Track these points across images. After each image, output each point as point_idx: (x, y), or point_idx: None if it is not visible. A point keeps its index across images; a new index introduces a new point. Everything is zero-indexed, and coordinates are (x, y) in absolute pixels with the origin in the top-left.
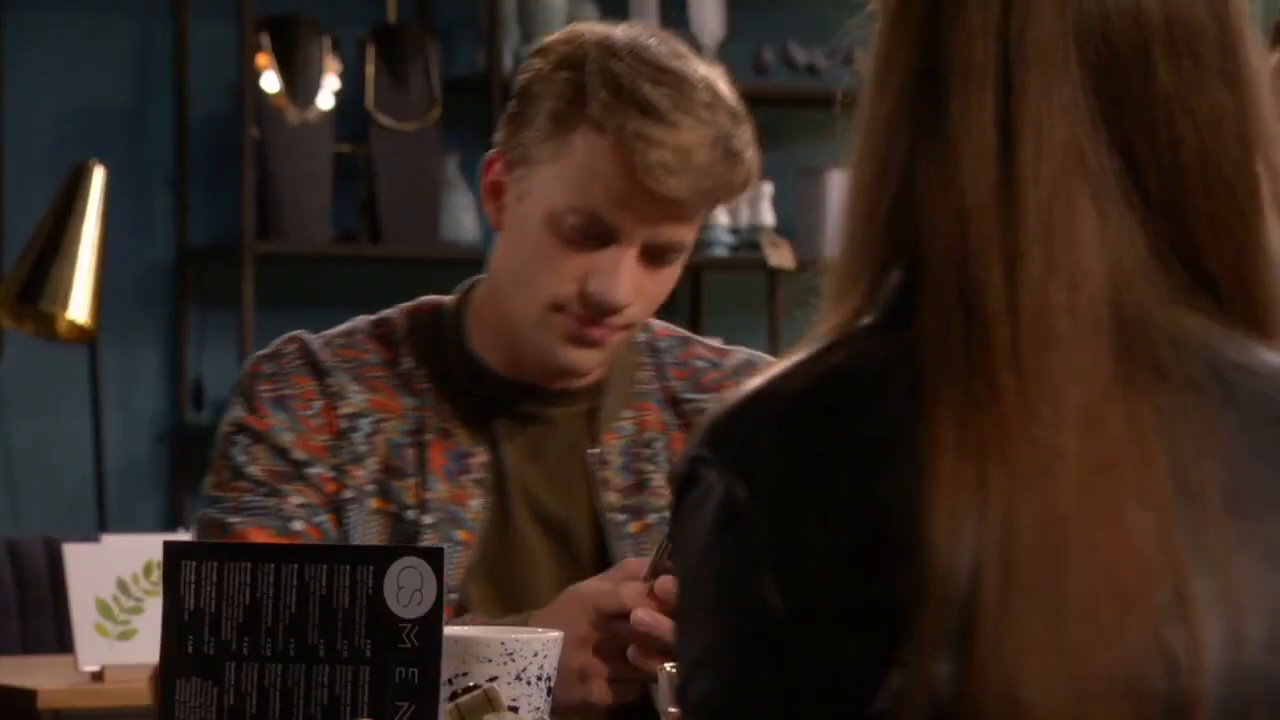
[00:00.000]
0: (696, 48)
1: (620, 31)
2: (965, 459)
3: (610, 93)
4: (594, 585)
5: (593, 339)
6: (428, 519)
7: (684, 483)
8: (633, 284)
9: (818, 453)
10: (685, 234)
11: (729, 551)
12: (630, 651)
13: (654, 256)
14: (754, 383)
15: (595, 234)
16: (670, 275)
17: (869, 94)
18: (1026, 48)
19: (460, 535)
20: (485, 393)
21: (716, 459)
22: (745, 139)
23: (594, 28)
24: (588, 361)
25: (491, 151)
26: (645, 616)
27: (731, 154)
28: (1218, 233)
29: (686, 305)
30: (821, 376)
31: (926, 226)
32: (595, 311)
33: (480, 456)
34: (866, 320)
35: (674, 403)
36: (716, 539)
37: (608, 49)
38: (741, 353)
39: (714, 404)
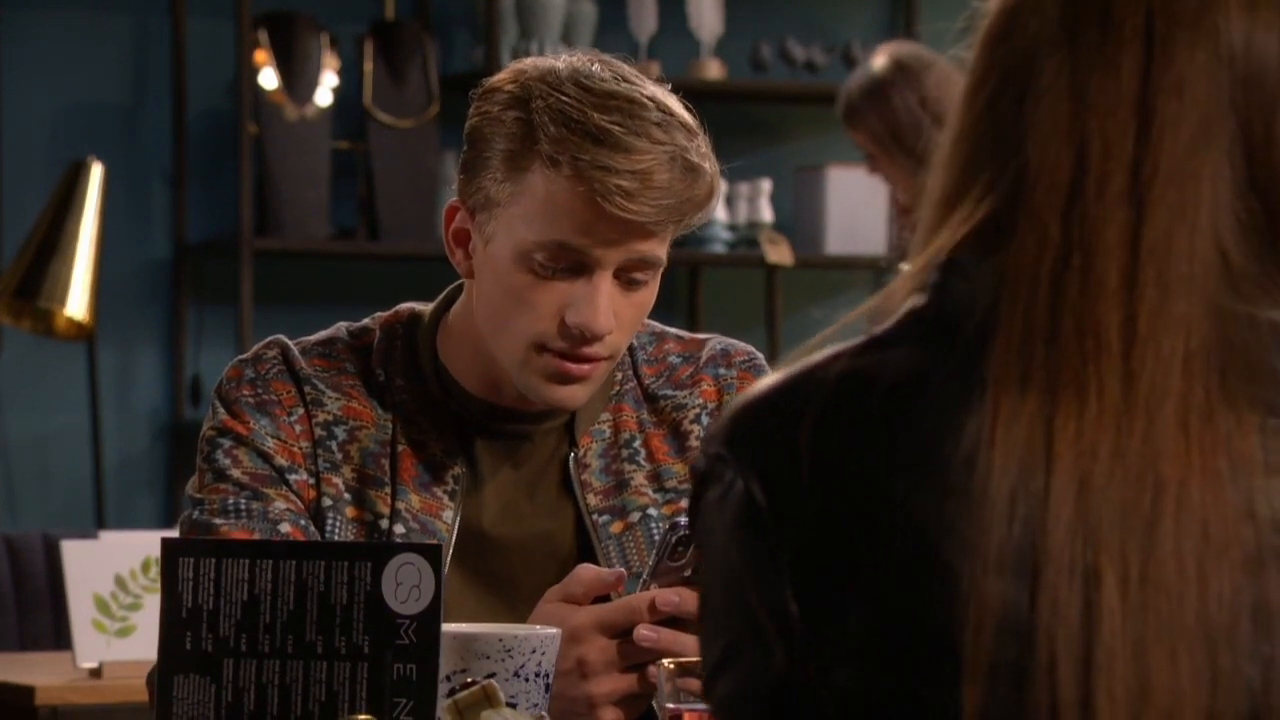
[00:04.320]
0: (695, 45)
1: (562, 63)
2: (1030, 399)
3: (559, 127)
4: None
5: (578, 375)
6: (399, 529)
7: (704, 479)
8: (610, 310)
9: (841, 456)
10: (656, 249)
11: (747, 554)
12: (650, 670)
13: (628, 279)
14: (775, 378)
15: (566, 265)
16: (646, 298)
17: (981, 56)
18: (1174, 7)
19: None
20: (460, 408)
21: (735, 458)
22: (702, 152)
23: (536, 62)
24: (575, 397)
25: (451, 200)
26: (649, 633)
27: (691, 169)
28: None
29: (685, 302)
30: (847, 377)
31: (1038, 151)
32: (577, 343)
33: (454, 468)
34: (911, 305)
35: (650, 399)
36: (735, 541)
37: (551, 83)
38: (715, 342)
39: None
